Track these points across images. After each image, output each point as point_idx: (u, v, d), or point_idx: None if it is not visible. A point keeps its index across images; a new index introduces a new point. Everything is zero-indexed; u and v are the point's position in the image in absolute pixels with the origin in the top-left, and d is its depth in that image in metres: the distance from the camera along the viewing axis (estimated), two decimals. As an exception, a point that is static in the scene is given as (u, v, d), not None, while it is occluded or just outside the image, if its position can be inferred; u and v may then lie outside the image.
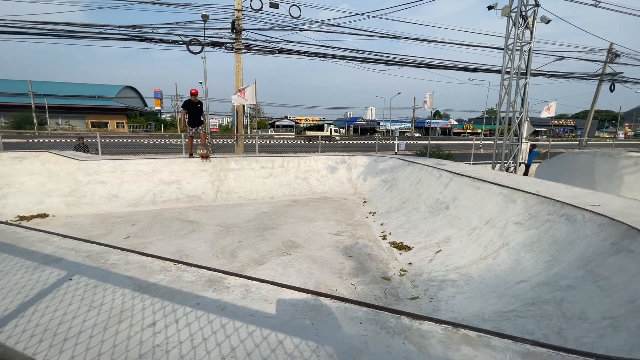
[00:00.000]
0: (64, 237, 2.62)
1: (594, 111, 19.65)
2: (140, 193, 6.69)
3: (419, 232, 4.67)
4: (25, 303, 1.74)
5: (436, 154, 17.22)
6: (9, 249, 2.37)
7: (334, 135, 44.27)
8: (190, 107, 7.60)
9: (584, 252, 2.69)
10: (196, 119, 7.73)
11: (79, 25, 11.31)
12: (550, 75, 16.15)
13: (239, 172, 7.79)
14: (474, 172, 5.60)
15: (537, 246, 3.13)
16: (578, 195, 3.78)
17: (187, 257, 4.04)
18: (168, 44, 11.76)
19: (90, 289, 1.87)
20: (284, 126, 58.95)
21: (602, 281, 2.31)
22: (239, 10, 11.73)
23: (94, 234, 4.85)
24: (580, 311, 2.20)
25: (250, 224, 5.47)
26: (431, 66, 14.77)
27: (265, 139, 29.98)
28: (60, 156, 6.72)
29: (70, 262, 2.19)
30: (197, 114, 7.73)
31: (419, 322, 1.58)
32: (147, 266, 2.14)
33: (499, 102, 10.20)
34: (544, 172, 10.64)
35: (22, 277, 1.98)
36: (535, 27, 9.20)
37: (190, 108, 7.59)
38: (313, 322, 1.56)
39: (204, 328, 1.52)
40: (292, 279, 3.42)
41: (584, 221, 2.98)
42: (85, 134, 14.76)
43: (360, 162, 8.90)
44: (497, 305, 2.68)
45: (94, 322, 1.60)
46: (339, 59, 13.42)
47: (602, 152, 8.50)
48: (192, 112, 7.64)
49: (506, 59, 9.71)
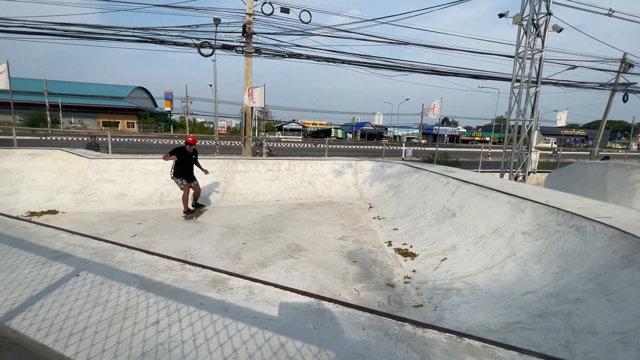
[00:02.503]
0: (72, 234, 2.66)
1: (606, 121, 19.33)
2: (148, 192, 6.77)
3: (425, 239, 4.62)
4: (33, 297, 1.77)
5: (444, 161, 17.10)
6: (19, 244, 2.42)
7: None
8: (182, 155, 5.87)
9: (594, 265, 2.63)
10: (188, 172, 6.01)
11: (94, 27, 11.59)
12: (561, 84, 15.97)
13: (246, 174, 7.84)
14: (481, 180, 5.54)
15: (545, 257, 3.08)
16: (588, 206, 3.71)
17: (192, 257, 4.07)
18: (180, 46, 11.97)
19: (97, 285, 1.89)
20: (291, 130, 59.23)
21: (612, 295, 2.25)
22: (250, 15, 11.89)
23: (101, 232, 4.92)
24: (589, 325, 2.15)
25: (255, 226, 5.49)
26: (440, 73, 14.74)
27: (272, 141, 30.16)
28: (72, 154, 6.85)
29: (78, 258, 2.22)
30: (189, 165, 6.04)
31: (423, 330, 1.56)
32: (153, 265, 2.16)
33: (509, 110, 10.11)
34: (553, 182, 10.47)
35: (31, 272, 2.02)
36: (547, 36, 9.13)
37: (181, 157, 5.85)
38: (316, 326, 1.56)
39: (207, 328, 1.52)
40: (296, 283, 3.41)
41: (594, 233, 2.92)
42: (96, 133, 15.04)
43: (367, 167, 8.88)
44: (503, 316, 2.64)
45: (99, 318, 1.61)
46: (348, 64, 13.48)
47: (614, 163, 8.34)
48: (184, 163, 5.91)
49: (517, 67, 9.64)
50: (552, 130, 55.59)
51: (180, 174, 5.94)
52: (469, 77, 15.11)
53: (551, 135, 58.85)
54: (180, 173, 5.93)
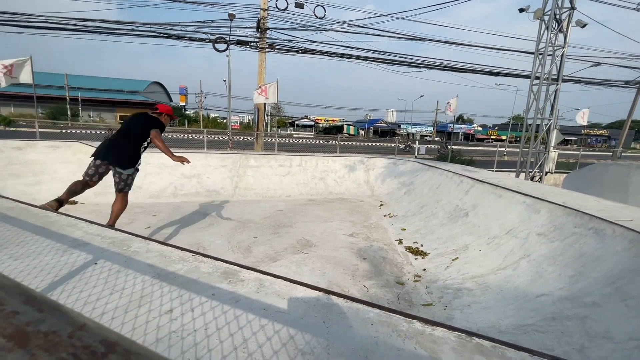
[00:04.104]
0: (91, 223, 2.75)
1: (630, 121, 18.56)
2: (162, 186, 6.92)
3: (436, 238, 4.57)
4: (54, 282, 1.85)
5: (457, 159, 16.81)
6: (42, 232, 2.52)
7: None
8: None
9: (612, 269, 2.55)
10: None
11: (112, 22, 11.85)
12: (583, 81, 15.41)
13: (258, 170, 7.91)
14: (496, 179, 5.43)
15: (561, 259, 3.00)
16: (609, 208, 3.59)
17: (205, 249, 4.15)
18: (195, 41, 12.12)
19: (114, 273, 1.96)
20: (303, 126, 59.28)
21: (630, 300, 2.18)
22: (264, 10, 11.91)
23: (117, 222, 5.06)
24: (605, 330, 2.09)
25: (266, 221, 5.54)
26: (456, 69, 14.44)
27: (284, 137, 30.30)
28: (91, 147, 7.06)
29: (96, 247, 2.30)
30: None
31: (432, 328, 1.56)
32: (167, 255, 2.21)
33: (527, 108, 9.83)
34: (572, 183, 10.15)
35: (52, 259, 2.10)
36: (569, 31, 8.81)
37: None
38: (325, 320, 1.57)
39: (218, 318, 1.56)
40: (305, 277, 3.44)
41: (613, 236, 2.82)
42: (114, 126, 15.46)
43: (379, 164, 8.81)
44: (515, 317, 2.59)
45: (116, 305, 1.67)
46: (362, 59, 13.37)
47: (637, 165, 8.01)
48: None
49: (536, 64, 9.34)
50: (573, 130, 53.79)
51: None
52: (486, 74, 14.76)
53: (571, 135, 56.95)
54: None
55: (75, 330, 0.26)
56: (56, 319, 0.26)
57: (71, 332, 0.26)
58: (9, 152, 6.34)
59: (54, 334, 0.25)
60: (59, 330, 0.25)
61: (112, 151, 3.91)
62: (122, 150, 3.93)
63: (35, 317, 0.26)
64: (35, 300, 0.28)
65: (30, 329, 0.25)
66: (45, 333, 0.25)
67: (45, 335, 0.25)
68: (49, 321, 0.26)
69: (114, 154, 3.90)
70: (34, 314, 0.27)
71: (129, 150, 3.94)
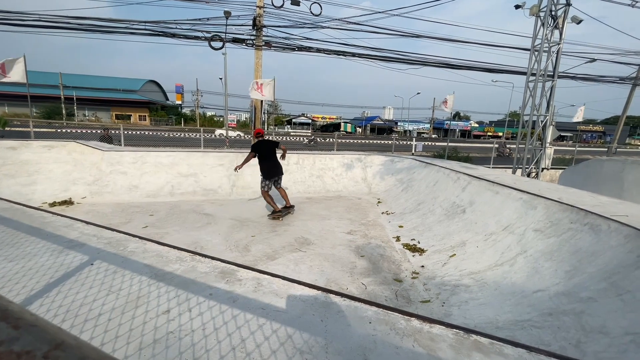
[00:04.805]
0: (87, 224, 2.73)
1: (625, 117, 18.69)
2: (159, 184, 6.88)
3: (434, 235, 4.59)
4: (50, 284, 1.83)
5: (454, 156, 16.85)
6: (37, 233, 2.50)
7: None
8: (263, 148, 5.43)
9: (608, 264, 2.57)
10: (274, 166, 5.55)
11: (107, 20, 11.72)
12: (579, 78, 15.47)
13: (255, 168, 7.86)
14: (493, 176, 5.45)
15: (557, 255, 3.02)
16: (604, 204, 3.61)
17: (202, 248, 4.14)
18: (190, 39, 12.01)
19: (110, 274, 1.95)
20: (300, 123, 59.14)
21: (625, 295, 2.20)
22: (260, 7, 11.83)
23: (114, 222, 5.04)
24: (601, 325, 2.11)
25: (264, 219, 5.54)
26: (453, 66, 14.44)
27: (281, 135, 30.22)
28: (86, 146, 7.01)
29: (92, 247, 2.28)
30: (272, 156, 5.55)
31: (430, 325, 1.56)
32: (164, 255, 2.20)
33: (523, 105, 9.86)
34: (567, 179, 10.22)
35: (47, 260, 2.09)
36: (565, 28, 8.83)
37: (262, 150, 5.43)
38: (322, 318, 1.57)
39: (216, 318, 1.55)
40: (303, 276, 3.44)
41: (609, 231, 2.84)
42: (109, 125, 15.34)
43: (376, 161, 8.82)
44: (512, 313, 2.61)
45: (113, 306, 1.66)
46: (359, 57, 13.32)
47: (632, 160, 8.07)
48: (266, 155, 5.45)
49: (532, 60, 9.37)
50: (568, 126, 54.05)
51: (269, 172, 5.57)
52: (482, 71, 14.76)
53: (567, 131, 57.28)
54: (268, 171, 5.56)
55: (51, 350, 0.24)
56: (32, 336, 0.25)
57: (47, 352, 0.24)
58: (3, 152, 6.28)
59: (27, 355, 0.24)
60: (33, 350, 0.24)
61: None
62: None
63: (10, 335, 0.25)
64: (11, 315, 0.27)
65: (2, 349, 0.24)
66: (19, 354, 0.24)
67: (18, 357, 0.24)
68: (24, 339, 0.25)
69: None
70: (8, 331, 0.25)
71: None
